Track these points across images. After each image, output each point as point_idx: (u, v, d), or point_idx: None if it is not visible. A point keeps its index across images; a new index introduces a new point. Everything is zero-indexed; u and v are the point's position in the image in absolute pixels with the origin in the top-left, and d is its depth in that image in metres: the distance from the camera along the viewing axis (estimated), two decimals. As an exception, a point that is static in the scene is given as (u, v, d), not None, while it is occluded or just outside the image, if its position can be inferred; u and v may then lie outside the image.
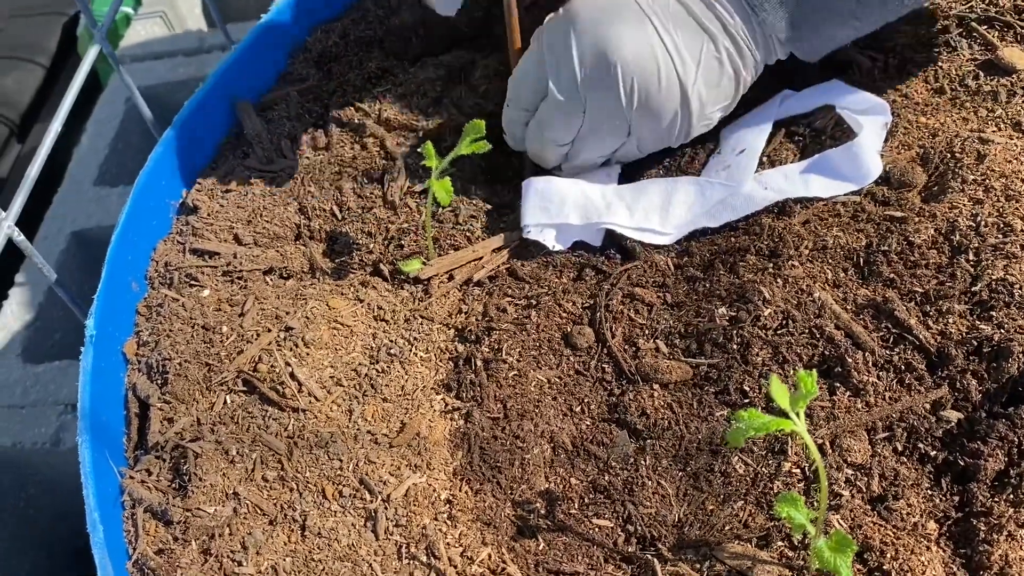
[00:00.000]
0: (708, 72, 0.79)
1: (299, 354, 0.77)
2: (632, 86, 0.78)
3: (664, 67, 0.77)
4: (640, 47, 0.77)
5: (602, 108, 0.80)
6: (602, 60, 0.77)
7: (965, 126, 0.83)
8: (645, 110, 0.80)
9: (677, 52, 0.77)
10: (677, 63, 0.78)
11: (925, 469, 0.67)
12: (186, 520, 0.70)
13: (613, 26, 0.77)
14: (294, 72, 1.01)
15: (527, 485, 0.72)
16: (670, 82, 0.78)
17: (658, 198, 0.84)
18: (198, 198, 0.91)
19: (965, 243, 0.74)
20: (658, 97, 0.79)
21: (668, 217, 0.83)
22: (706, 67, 0.79)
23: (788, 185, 0.81)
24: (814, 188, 0.81)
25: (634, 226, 0.83)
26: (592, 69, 0.78)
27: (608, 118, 0.81)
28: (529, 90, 0.84)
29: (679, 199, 0.83)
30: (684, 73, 0.78)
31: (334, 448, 0.72)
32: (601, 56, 0.77)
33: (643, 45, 0.77)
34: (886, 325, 0.72)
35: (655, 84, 0.78)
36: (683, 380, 0.75)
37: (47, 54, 1.86)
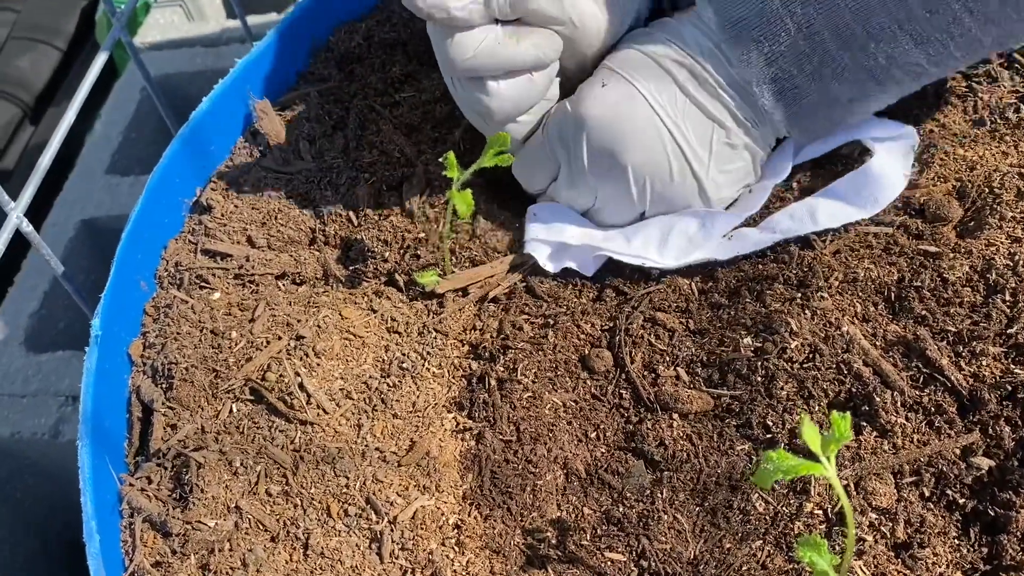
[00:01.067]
0: (721, 159, 0.79)
1: (309, 364, 0.75)
2: (644, 184, 0.78)
3: (676, 163, 0.77)
4: (651, 147, 0.77)
5: (614, 198, 0.81)
6: (615, 165, 0.78)
7: (1005, 160, 0.80)
8: (660, 201, 0.80)
9: (688, 145, 0.77)
10: (689, 156, 0.77)
11: (953, 517, 0.65)
12: (185, 533, 0.68)
13: (623, 130, 0.76)
14: (315, 72, 0.99)
15: (538, 512, 0.70)
16: (684, 175, 0.78)
17: (656, 231, 0.81)
18: (212, 197, 0.89)
19: (1002, 283, 0.71)
20: (672, 190, 0.79)
21: (666, 248, 0.80)
22: (718, 154, 0.78)
23: (796, 224, 0.79)
24: (822, 220, 0.79)
25: (631, 253, 0.81)
26: (603, 171, 0.79)
27: (620, 206, 0.82)
28: (539, 177, 0.84)
29: (678, 229, 0.81)
30: (697, 165, 0.78)
31: (341, 464, 0.70)
32: (613, 161, 0.77)
33: (654, 144, 0.77)
34: (916, 364, 0.70)
35: (667, 179, 0.78)
36: (704, 411, 0.72)
37: (64, 37, 1.84)
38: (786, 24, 0.74)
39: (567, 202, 0.84)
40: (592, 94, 0.78)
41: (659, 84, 0.77)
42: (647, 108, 0.76)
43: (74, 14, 1.87)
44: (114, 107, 1.48)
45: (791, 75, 0.75)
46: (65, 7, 1.86)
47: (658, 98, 0.77)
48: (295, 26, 0.98)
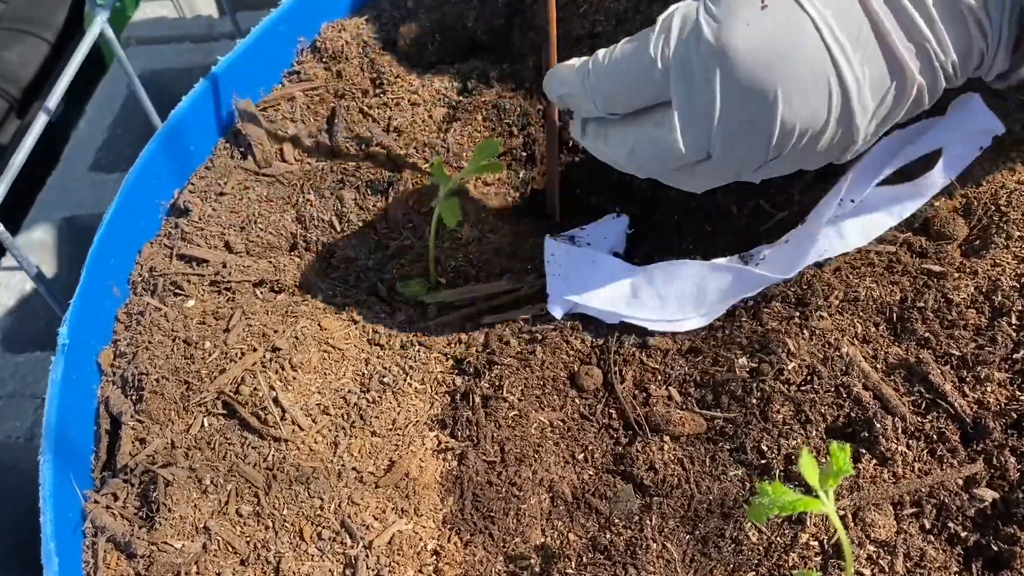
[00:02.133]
0: (886, 111, 0.61)
1: (285, 378, 0.72)
2: (787, 136, 0.60)
3: (836, 115, 0.59)
4: (814, 94, 0.58)
5: (737, 156, 0.62)
6: (760, 113, 0.59)
7: (1012, 177, 0.78)
8: (795, 154, 0.62)
9: (860, 97, 0.59)
10: (856, 109, 0.59)
11: (954, 551, 0.62)
12: (151, 554, 0.65)
13: (783, 71, 0.57)
14: (301, 71, 0.96)
15: (521, 538, 0.67)
16: (837, 128, 0.60)
17: (691, 285, 0.74)
18: (190, 199, 0.86)
19: (1008, 304, 0.68)
20: (817, 143, 0.61)
21: (703, 305, 0.74)
22: (887, 106, 0.61)
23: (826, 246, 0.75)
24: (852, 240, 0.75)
25: (668, 318, 0.74)
26: (739, 117, 0.59)
27: (739, 164, 0.63)
28: (622, 102, 0.64)
29: (714, 286, 0.74)
30: (862, 118, 0.60)
31: (316, 485, 0.67)
32: (759, 109, 0.58)
33: (819, 91, 0.58)
34: (918, 389, 0.67)
35: (818, 132, 0.60)
36: (696, 433, 0.69)
37: (53, 29, 1.81)
38: None
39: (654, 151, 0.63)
40: (744, 17, 0.57)
41: (840, 7, 0.57)
42: (818, 42, 0.57)
43: (63, 6, 1.83)
44: (100, 102, 1.44)
45: None
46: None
47: (835, 28, 0.57)
48: (281, 23, 0.95)
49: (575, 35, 0.92)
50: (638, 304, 0.75)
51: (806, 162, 0.64)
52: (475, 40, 0.97)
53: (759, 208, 0.83)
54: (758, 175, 0.65)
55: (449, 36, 0.97)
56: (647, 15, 0.93)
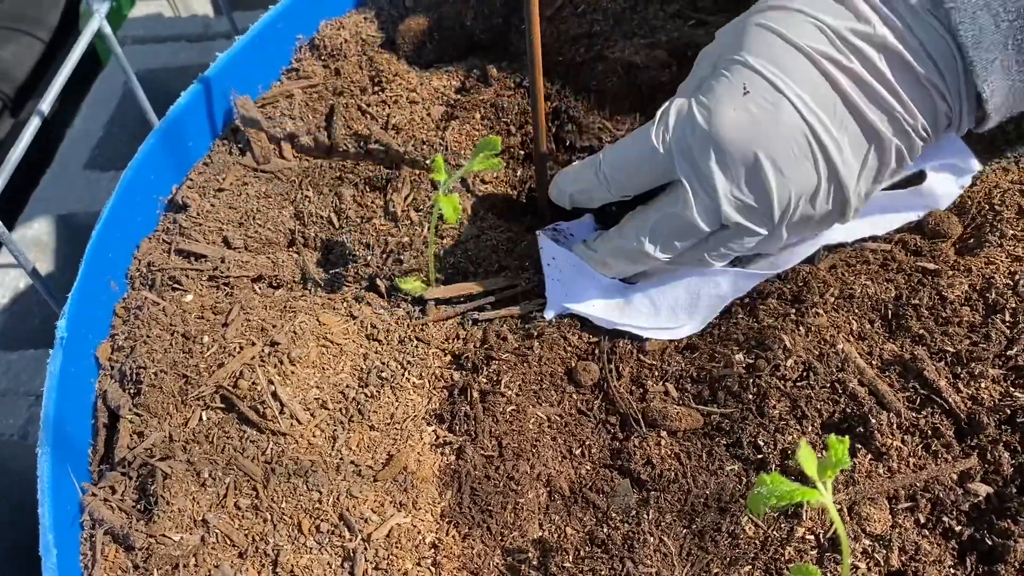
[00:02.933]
0: (868, 176, 0.67)
1: (283, 372, 0.72)
2: (788, 207, 0.66)
3: (826, 182, 0.65)
4: (802, 166, 0.64)
5: (742, 232, 0.68)
6: (758, 187, 0.65)
7: (1005, 176, 0.78)
8: (799, 225, 0.69)
9: (842, 161, 0.65)
10: (844, 176, 0.65)
11: (949, 545, 0.62)
12: (149, 547, 0.65)
13: (772, 147, 0.64)
14: (299, 69, 0.96)
15: (519, 532, 0.67)
16: (831, 195, 0.66)
17: (684, 292, 0.75)
18: (188, 195, 0.86)
19: (1001, 302, 0.69)
20: (815, 207, 0.67)
21: (696, 311, 0.75)
22: (867, 172, 0.67)
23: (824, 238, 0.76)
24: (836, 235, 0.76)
25: (660, 326, 0.75)
26: (742, 197, 0.66)
27: (744, 239, 0.69)
28: (634, 184, 0.72)
29: (707, 291, 0.75)
30: (848, 177, 0.66)
31: (314, 478, 0.67)
32: (755, 182, 0.65)
33: (806, 163, 0.64)
34: (913, 385, 0.67)
35: (811, 200, 0.66)
36: (693, 429, 0.70)
37: (47, 28, 1.80)
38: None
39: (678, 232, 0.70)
40: (730, 103, 0.65)
41: (816, 92, 0.64)
42: (799, 122, 0.64)
43: (58, 5, 1.83)
44: (96, 101, 1.44)
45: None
46: (49, -2, 1.82)
47: (810, 103, 0.64)
48: (280, 21, 0.95)
49: (572, 34, 0.93)
50: (632, 311, 0.76)
51: (815, 227, 0.70)
52: (473, 39, 0.98)
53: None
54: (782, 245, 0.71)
55: (447, 35, 0.97)
56: (643, 15, 0.93)
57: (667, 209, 0.70)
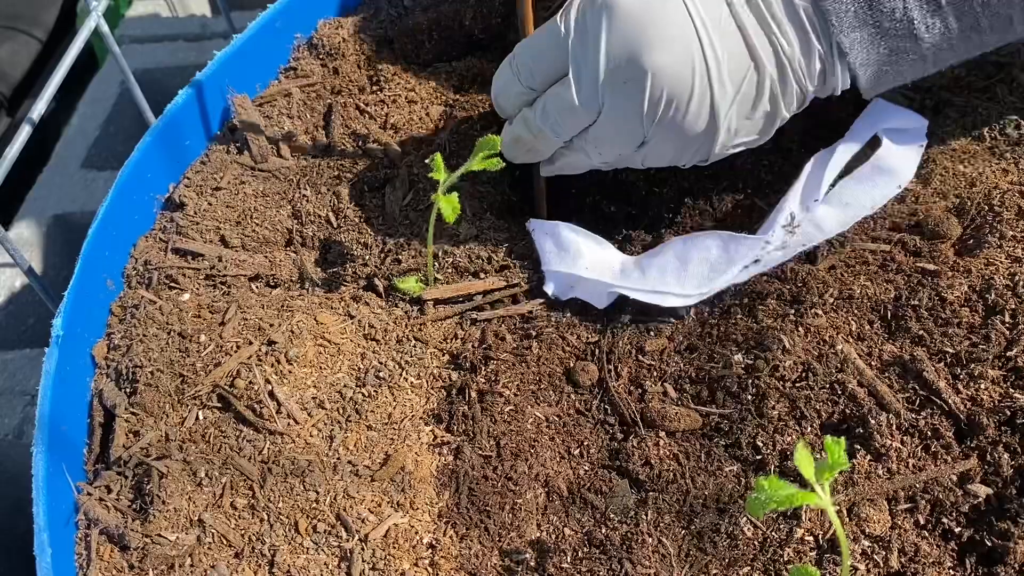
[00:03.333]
0: (744, 101, 0.70)
1: (281, 371, 0.72)
2: (660, 98, 0.68)
3: (699, 86, 0.68)
4: (679, 58, 0.67)
5: (620, 113, 0.71)
6: (634, 62, 0.68)
7: (1005, 178, 0.78)
8: (667, 126, 0.70)
9: (718, 73, 0.68)
10: (715, 85, 0.68)
11: (948, 546, 0.62)
12: (145, 547, 0.64)
13: (654, 26, 0.67)
14: (298, 68, 0.96)
15: (517, 533, 0.66)
16: (702, 104, 0.69)
17: (673, 258, 0.76)
18: (185, 194, 0.86)
19: (1001, 303, 0.69)
20: (685, 116, 0.69)
21: (686, 277, 0.75)
22: (744, 95, 0.69)
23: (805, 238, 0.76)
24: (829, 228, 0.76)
25: (648, 288, 0.75)
26: (620, 69, 0.68)
27: (624, 124, 0.71)
28: (540, 69, 0.74)
29: (696, 256, 0.75)
30: (720, 97, 0.69)
31: (311, 478, 0.66)
32: (634, 57, 0.68)
33: (683, 56, 0.67)
34: (913, 386, 0.67)
35: (685, 102, 0.69)
36: (691, 429, 0.70)
37: (44, 28, 1.80)
38: None
39: (559, 114, 0.73)
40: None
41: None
42: (684, 13, 0.67)
43: (55, 4, 1.82)
44: (92, 100, 1.44)
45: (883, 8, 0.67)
46: (45, -3, 1.82)
47: (700, 7, 0.68)
48: (278, 20, 0.95)
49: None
50: (623, 276, 0.76)
51: (678, 148, 0.73)
52: (472, 38, 0.98)
53: (754, 206, 0.83)
54: (643, 154, 0.74)
55: (446, 34, 0.97)
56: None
57: (557, 89, 0.73)
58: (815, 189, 0.77)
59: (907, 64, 0.71)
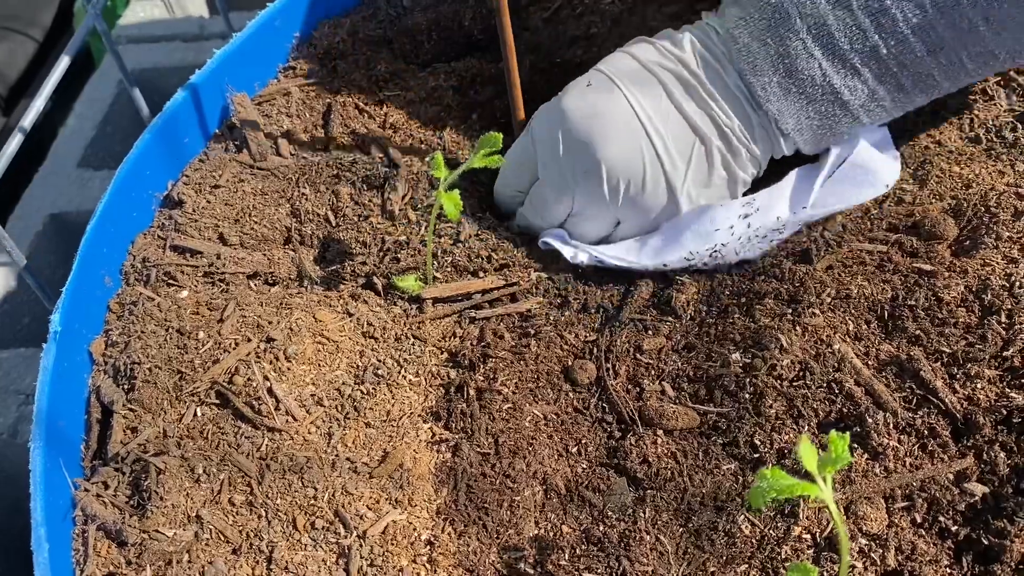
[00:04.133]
0: (698, 172, 0.77)
1: (279, 368, 0.72)
2: (617, 184, 0.76)
3: (651, 168, 0.76)
4: (627, 147, 0.75)
5: (589, 199, 0.78)
6: (590, 159, 0.76)
7: (1001, 179, 0.79)
8: (632, 206, 0.78)
9: (667, 152, 0.75)
10: (666, 163, 0.76)
11: (945, 545, 0.63)
12: (142, 542, 0.64)
13: (601, 123, 0.75)
14: (297, 67, 0.96)
15: (515, 530, 0.66)
16: (656, 183, 0.76)
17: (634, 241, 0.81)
18: (184, 191, 0.86)
19: (997, 303, 0.69)
20: (644, 195, 0.77)
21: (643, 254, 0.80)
22: (696, 167, 0.76)
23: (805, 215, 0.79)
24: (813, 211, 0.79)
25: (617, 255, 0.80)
26: (578, 166, 0.77)
27: (596, 207, 0.79)
28: (520, 175, 0.83)
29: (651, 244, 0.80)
30: (673, 173, 0.76)
31: (309, 474, 0.66)
32: (588, 155, 0.76)
33: (630, 145, 0.75)
34: (910, 385, 0.67)
35: (640, 183, 0.76)
36: (689, 428, 0.70)
37: (41, 28, 1.79)
38: (795, 23, 0.72)
39: (543, 208, 0.81)
40: (576, 90, 0.78)
41: (644, 89, 0.76)
42: (628, 109, 0.75)
43: (52, 5, 1.82)
44: (89, 100, 1.44)
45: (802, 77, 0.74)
46: (42, -2, 1.82)
47: (641, 101, 0.76)
48: (277, 19, 0.95)
49: (570, 36, 0.93)
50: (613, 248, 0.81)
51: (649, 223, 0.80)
52: (471, 39, 0.98)
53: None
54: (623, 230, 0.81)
55: (445, 34, 0.97)
56: (642, 15, 0.94)
57: (536, 188, 0.82)
58: (804, 196, 0.80)
59: (842, 125, 0.77)
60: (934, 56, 0.72)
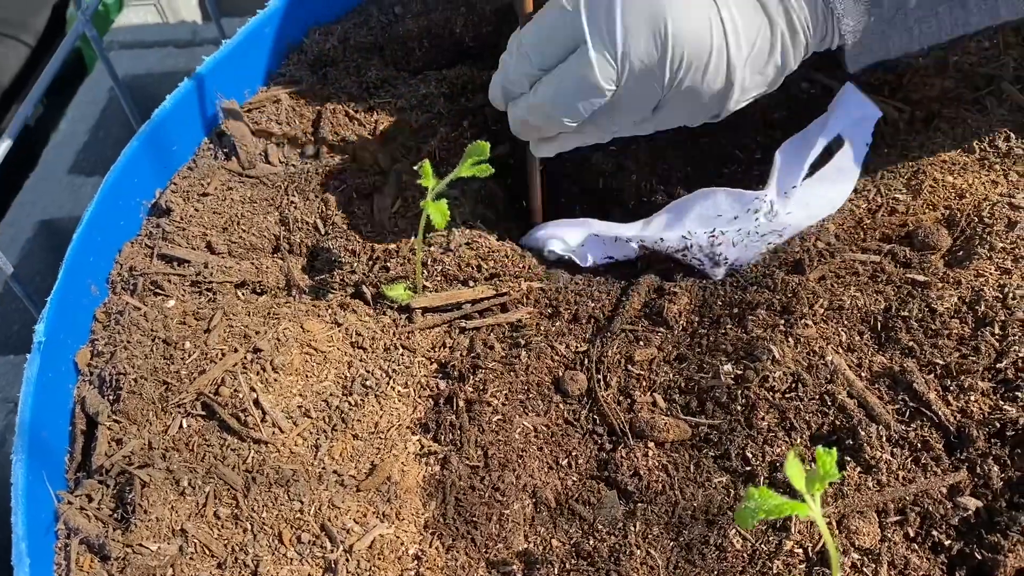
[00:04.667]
0: (758, 58, 0.70)
1: (266, 379, 0.71)
2: (681, 62, 0.69)
3: (717, 47, 0.68)
4: (698, 21, 0.68)
5: (639, 83, 0.70)
6: (655, 31, 0.68)
7: (994, 189, 0.78)
8: (686, 88, 0.71)
9: (735, 32, 0.68)
10: (732, 45, 0.69)
11: (938, 559, 0.62)
12: (125, 557, 0.63)
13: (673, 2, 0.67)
14: (287, 74, 0.95)
15: (504, 544, 0.66)
16: (719, 64, 0.69)
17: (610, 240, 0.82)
18: (172, 199, 0.85)
19: (991, 315, 0.69)
20: (704, 77, 0.70)
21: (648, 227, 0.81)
22: (758, 52, 0.70)
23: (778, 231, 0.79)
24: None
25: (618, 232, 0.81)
26: (640, 40, 0.68)
27: (643, 92, 0.71)
28: (550, 49, 0.72)
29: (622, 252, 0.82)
30: (736, 56, 0.69)
31: (295, 487, 0.66)
32: (654, 26, 0.68)
33: (701, 19, 0.68)
34: (903, 398, 0.67)
35: (703, 64, 0.69)
36: (680, 440, 0.69)
37: (33, 33, 1.79)
38: None
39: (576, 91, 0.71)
40: None
41: None
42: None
43: (45, 10, 1.81)
44: (81, 106, 1.43)
45: None
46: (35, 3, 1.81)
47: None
48: (267, 26, 0.94)
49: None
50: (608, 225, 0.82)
51: (693, 110, 0.73)
52: (462, 46, 0.97)
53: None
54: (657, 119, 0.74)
55: (436, 42, 0.96)
56: None
57: (571, 68, 0.71)
58: (793, 177, 0.80)
59: (896, 33, 0.71)
60: None
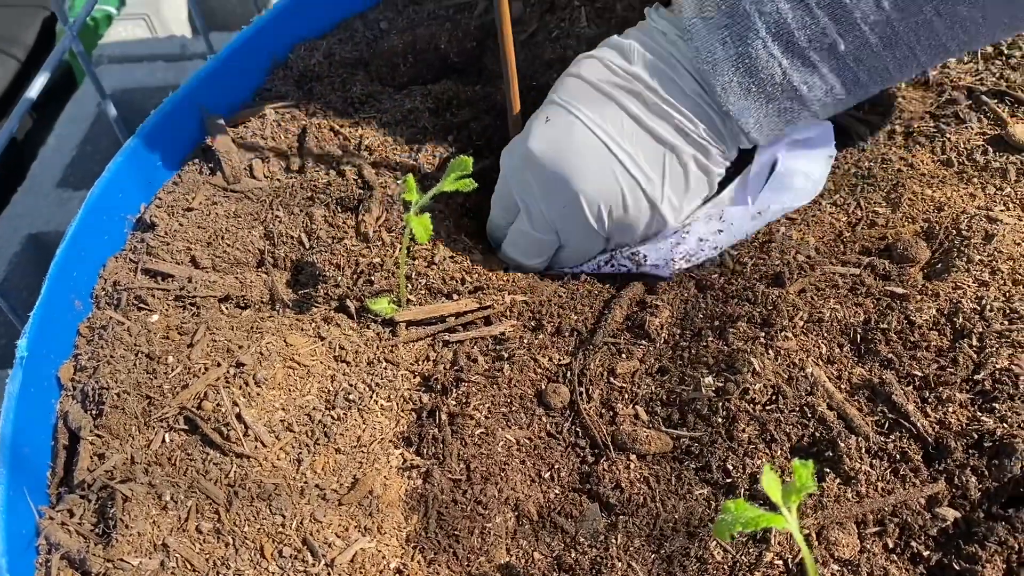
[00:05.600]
0: (675, 180, 0.78)
1: (248, 393, 0.71)
2: (600, 212, 0.77)
3: (628, 189, 0.76)
4: (601, 175, 0.76)
5: (575, 232, 0.80)
6: (567, 194, 0.77)
7: (972, 202, 0.79)
8: (619, 227, 0.79)
9: (639, 170, 0.76)
10: (642, 181, 0.76)
11: (917, 570, 0.62)
12: (107, 572, 0.63)
13: (569, 160, 0.76)
14: (272, 89, 0.96)
15: (486, 558, 0.66)
16: (637, 201, 0.77)
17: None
18: (156, 214, 0.85)
19: (969, 327, 0.69)
20: (628, 215, 0.78)
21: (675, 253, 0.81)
22: (672, 177, 0.77)
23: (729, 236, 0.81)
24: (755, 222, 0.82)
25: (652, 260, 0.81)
26: (556, 201, 0.77)
27: (583, 236, 0.80)
28: (508, 208, 0.83)
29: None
30: (651, 189, 0.77)
31: (277, 502, 0.66)
32: (565, 191, 0.77)
33: (604, 172, 0.76)
34: (882, 409, 0.67)
35: (621, 206, 0.77)
36: (662, 452, 0.69)
37: (23, 47, 1.79)
38: (755, 23, 0.72)
39: (531, 244, 0.82)
40: (537, 129, 0.78)
41: (602, 111, 0.76)
42: (591, 136, 0.76)
43: (35, 24, 1.82)
44: (69, 120, 1.43)
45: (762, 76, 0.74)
46: (25, 16, 1.81)
47: (602, 125, 0.76)
48: (253, 41, 0.95)
49: (546, 59, 0.93)
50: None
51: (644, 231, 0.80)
52: (447, 62, 0.98)
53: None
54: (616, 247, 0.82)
55: (421, 57, 0.97)
56: (617, 40, 0.94)
57: (516, 226, 0.83)
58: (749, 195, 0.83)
59: (800, 119, 0.78)
60: (890, 50, 0.73)
